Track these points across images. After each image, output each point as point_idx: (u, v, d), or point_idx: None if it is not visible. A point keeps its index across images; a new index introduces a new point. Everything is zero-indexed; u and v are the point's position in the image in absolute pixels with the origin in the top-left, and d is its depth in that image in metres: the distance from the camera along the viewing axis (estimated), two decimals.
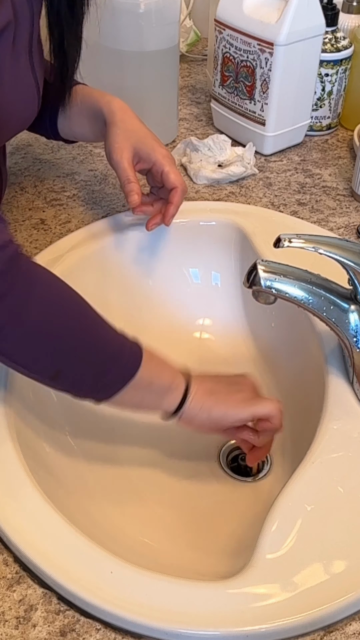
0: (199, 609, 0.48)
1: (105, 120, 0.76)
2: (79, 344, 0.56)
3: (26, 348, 0.54)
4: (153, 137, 0.76)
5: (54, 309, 0.55)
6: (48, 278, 0.56)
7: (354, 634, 0.49)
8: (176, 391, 0.62)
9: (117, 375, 0.58)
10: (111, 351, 0.58)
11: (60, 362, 0.56)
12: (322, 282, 0.60)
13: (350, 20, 1.04)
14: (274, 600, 0.49)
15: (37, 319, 0.53)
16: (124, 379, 0.58)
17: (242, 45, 0.93)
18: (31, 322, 0.53)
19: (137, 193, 0.74)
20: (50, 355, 0.55)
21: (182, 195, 0.77)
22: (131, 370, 0.58)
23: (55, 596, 0.51)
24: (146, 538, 0.64)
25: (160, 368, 0.62)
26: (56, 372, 0.56)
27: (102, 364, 0.57)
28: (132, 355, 0.59)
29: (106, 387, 0.58)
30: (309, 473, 0.57)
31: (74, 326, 0.56)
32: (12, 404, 0.62)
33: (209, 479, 0.72)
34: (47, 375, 0.57)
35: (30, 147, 1.01)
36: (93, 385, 0.58)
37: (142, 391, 0.60)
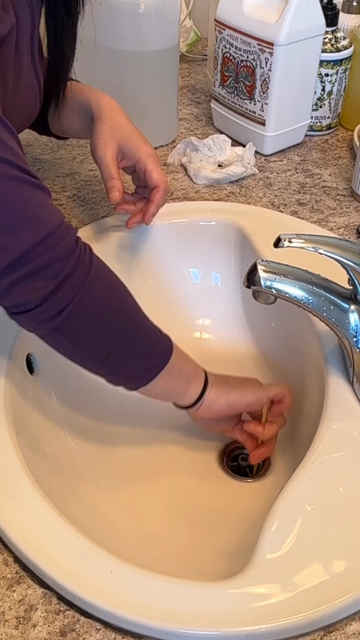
0: (199, 609, 0.48)
1: (92, 116, 0.76)
2: (129, 326, 0.59)
3: (86, 326, 0.56)
4: (139, 135, 0.76)
5: (113, 290, 0.59)
6: (100, 260, 0.58)
7: (354, 634, 0.49)
8: (199, 378, 0.66)
9: (156, 359, 0.61)
10: (152, 336, 0.62)
11: (113, 342, 0.58)
12: (322, 282, 0.60)
13: (350, 20, 1.04)
14: (274, 600, 0.49)
15: (100, 297, 0.57)
16: (162, 362, 0.61)
17: (242, 45, 0.93)
18: (94, 300, 0.56)
19: (119, 189, 0.73)
20: (106, 335, 0.58)
21: (164, 194, 0.77)
22: (167, 355, 0.62)
23: (55, 596, 0.51)
24: (146, 538, 0.64)
25: (185, 357, 0.65)
26: (108, 352, 0.59)
27: (146, 347, 0.61)
28: (166, 342, 0.63)
29: (147, 370, 0.61)
30: (309, 473, 0.57)
31: (125, 308, 0.60)
32: (12, 403, 0.62)
33: (209, 479, 0.72)
34: (100, 355, 0.59)
35: (30, 147, 1.01)
36: (137, 368, 0.61)
37: (173, 377, 0.63)
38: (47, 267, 0.52)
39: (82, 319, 0.56)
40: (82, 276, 0.54)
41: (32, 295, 0.52)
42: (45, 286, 0.52)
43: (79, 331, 0.56)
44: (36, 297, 0.52)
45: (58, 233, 0.53)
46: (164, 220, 0.81)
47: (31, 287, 0.52)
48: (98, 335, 0.57)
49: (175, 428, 0.76)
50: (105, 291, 0.57)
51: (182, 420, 0.77)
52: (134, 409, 0.76)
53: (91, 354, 0.59)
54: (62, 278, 0.53)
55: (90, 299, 0.55)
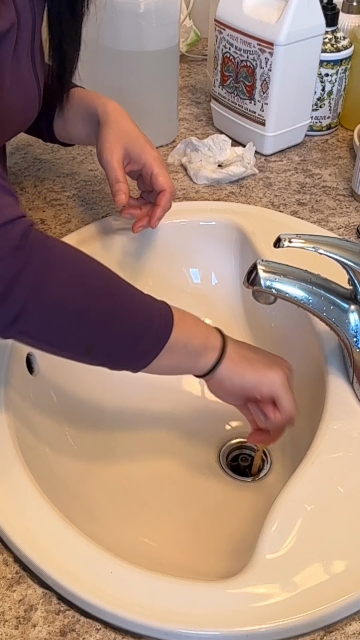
0: (199, 609, 0.48)
1: (98, 121, 0.76)
2: (107, 314, 0.55)
3: (53, 325, 0.52)
4: (145, 139, 0.76)
5: (75, 280, 0.53)
6: (65, 249, 0.54)
7: (354, 634, 0.49)
8: (212, 351, 0.61)
9: (152, 340, 0.57)
10: (142, 316, 0.57)
11: (91, 335, 0.54)
12: (322, 282, 0.60)
13: (350, 20, 1.04)
14: (274, 600, 0.49)
15: (59, 292, 0.51)
16: (160, 342, 0.57)
17: (242, 45, 0.93)
18: (53, 297, 0.51)
19: (125, 193, 0.73)
20: (79, 330, 0.53)
21: (170, 198, 0.76)
22: (165, 333, 0.57)
23: (55, 596, 0.51)
24: (146, 538, 0.64)
25: (193, 328, 0.60)
26: (88, 346, 0.55)
27: (135, 331, 0.56)
28: (163, 317, 0.58)
29: (143, 354, 0.57)
30: (309, 473, 0.57)
31: (100, 295, 0.55)
32: (12, 404, 0.62)
33: (209, 479, 0.72)
34: (79, 351, 0.55)
35: (30, 147, 1.01)
36: (129, 354, 0.57)
37: (177, 354, 0.59)
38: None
39: (44, 320, 0.51)
40: (33, 274, 0.49)
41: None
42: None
43: (47, 333, 0.52)
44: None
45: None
46: (164, 220, 0.81)
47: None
48: (69, 333, 0.53)
49: (176, 428, 0.76)
50: (67, 285, 0.52)
51: (183, 420, 0.77)
52: (134, 409, 0.76)
53: (70, 351, 0.55)
54: (7, 280, 0.48)
55: (48, 298, 0.51)
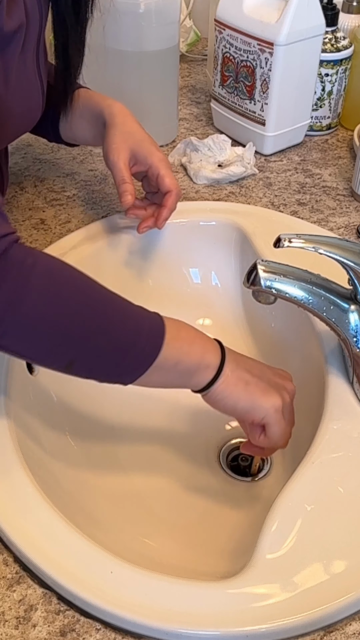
0: (199, 609, 0.48)
1: (105, 122, 0.76)
2: (88, 330, 0.53)
3: (31, 340, 0.52)
4: (151, 140, 0.77)
5: (55, 297, 0.52)
6: (47, 267, 0.53)
7: (354, 634, 0.49)
8: (206, 370, 0.58)
9: (137, 358, 0.55)
10: (127, 333, 0.55)
11: (71, 351, 0.53)
12: (322, 282, 0.60)
13: (350, 20, 1.04)
14: (274, 600, 0.49)
15: (37, 308, 0.51)
16: (146, 361, 0.55)
17: (242, 45, 0.93)
18: (29, 315, 0.50)
19: (131, 194, 0.74)
20: (59, 345, 0.52)
21: (176, 199, 0.77)
22: (153, 351, 0.55)
23: (55, 596, 0.51)
24: (146, 538, 0.64)
25: (188, 345, 0.58)
26: (69, 362, 0.54)
27: (118, 348, 0.54)
28: (152, 335, 0.56)
29: (128, 371, 0.56)
30: (309, 473, 0.57)
31: (81, 311, 0.53)
32: (12, 404, 0.62)
33: (209, 479, 0.72)
34: (60, 365, 0.54)
35: (30, 147, 1.01)
36: (113, 371, 0.55)
37: (167, 371, 0.57)
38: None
39: (22, 337, 0.51)
40: (9, 290, 0.49)
41: None
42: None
43: (26, 349, 0.52)
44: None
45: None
46: None
47: None
48: (49, 349, 0.52)
49: (176, 428, 0.76)
50: (45, 302, 0.51)
51: (183, 420, 0.77)
52: (134, 409, 0.76)
53: (51, 366, 0.54)
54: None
55: (25, 316, 0.50)
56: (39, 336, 0.52)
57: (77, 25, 0.67)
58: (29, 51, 0.64)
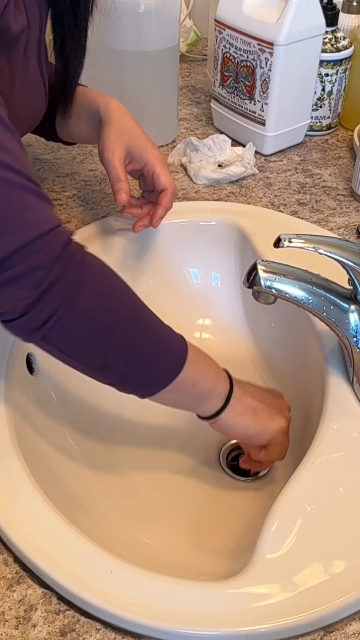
0: (199, 609, 0.48)
1: (101, 119, 0.76)
2: (128, 336, 0.56)
3: (76, 336, 0.53)
4: (147, 138, 0.76)
5: (105, 297, 0.55)
6: (100, 266, 0.55)
7: (354, 634, 0.49)
8: (217, 398, 0.61)
9: (164, 371, 0.57)
10: (160, 346, 0.57)
11: (109, 353, 0.55)
12: (322, 282, 0.60)
13: (350, 20, 1.04)
14: (274, 600, 0.49)
15: (89, 306, 0.53)
16: (170, 376, 0.57)
17: (242, 45, 0.93)
18: (83, 309, 0.52)
19: (126, 192, 0.73)
20: (100, 346, 0.54)
21: (172, 197, 0.76)
22: (178, 367, 0.57)
23: (55, 596, 0.51)
24: (146, 538, 0.64)
25: (204, 369, 0.61)
26: (104, 364, 0.55)
27: (150, 359, 0.57)
28: (179, 351, 0.58)
29: (153, 382, 0.58)
30: (309, 473, 0.57)
31: (125, 317, 0.56)
32: (12, 403, 0.62)
33: (209, 479, 0.72)
34: (95, 367, 0.56)
35: (30, 147, 1.01)
36: (140, 380, 0.57)
37: (184, 392, 0.60)
38: (27, 275, 0.49)
39: (69, 332, 0.53)
40: (67, 286, 0.51)
41: (14, 304, 0.50)
42: (27, 296, 0.50)
43: (68, 344, 0.54)
44: (17, 306, 0.50)
45: (42, 239, 0.50)
46: (164, 220, 0.81)
47: (12, 295, 0.50)
48: (90, 348, 0.54)
49: (176, 428, 0.76)
50: (96, 302, 0.54)
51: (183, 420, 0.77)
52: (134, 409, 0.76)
53: (86, 366, 0.56)
54: (44, 288, 0.50)
55: (77, 311, 0.52)
56: (85, 333, 0.53)
57: (75, 26, 0.67)
58: (31, 52, 0.64)
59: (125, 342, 0.56)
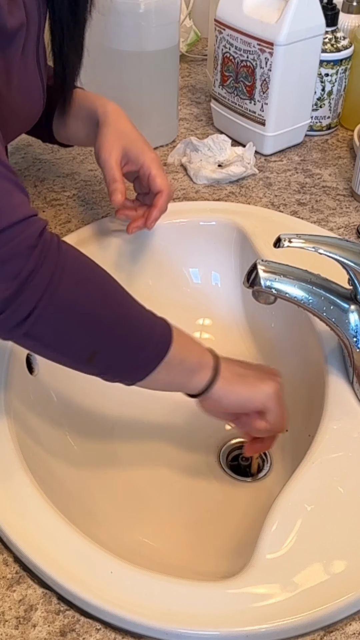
0: (199, 609, 0.48)
1: (98, 121, 0.76)
2: (113, 321, 0.55)
3: (60, 328, 0.52)
4: (143, 140, 0.76)
5: (86, 286, 0.53)
6: (76, 253, 0.54)
7: (354, 634, 0.49)
8: (205, 369, 0.61)
9: (151, 354, 0.57)
10: (144, 329, 0.57)
11: (96, 342, 0.54)
12: (322, 282, 0.60)
13: (350, 20, 1.04)
14: (274, 600, 0.49)
15: (70, 296, 0.52)
16: (158, 357, 0.57)
17: (242, 45, 0.93)
18: (64, 300, 0.51)
19: (121, 192, 0.73)
20: (86, 336, 0.53)
21: (167, 199, 0.76)
22: (164, 348, 0.57)
23: (55, 596, 0.51)
24: (146, 538, 0.64)
25: (189, 345, 0.61)
26: (92, 353, 0.54)
27: (137, 342, 0.56)
28: (163, 333, 0.58)
29: (141, 366, 0.57)
30: (309, 473, 0.57)
31: (107, 302, 0.55)
32: (12, 404, 0.62)
33: (209, 479, 0.72)
34: (82, 358, 0.55)
35: (30, 147, 1.01)
36: (129, 365, 0.57)
37: (173, 369, 0.59)
38: (2, 265, 0.48)
39: (53, 323, 0.51)
40: (46, 274, 0.49)
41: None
42: (4, 288, 0.48)
43: (53, 336, 0.52)
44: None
45: (15, 228, 0.48)
46: (164, 220, 0.81)
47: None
48: (76, 338, 0.53)
49: (175, 428, 0.76)
50: (78, 289, 0.52)
51: (183, 420, 0.77)
52: (134, 409, 0.76)
53: (73, 358, 0.55)
54: (22, 278, 0.48)
55: (60, 299, 0.51)
56: (70, 323, 0.52)
57: (74, 26, 0.67)
58: (30, 51, 0.64)
59: (111, 328, 0.55)
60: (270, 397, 0.62)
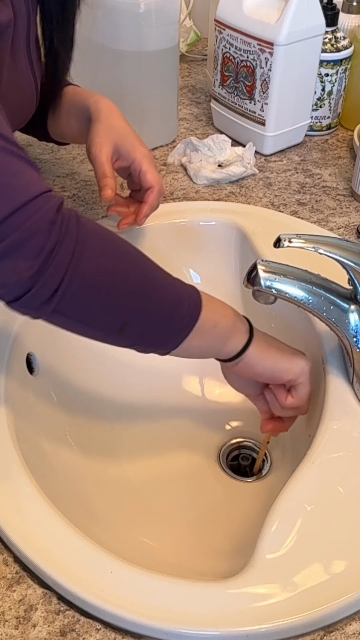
0: (199, 609, 0.48)
1: (90, 117, 0.76)
2: (142, 291, 0.55)
3: (88, 301, 0.52)
4: (135, 136, 0.76)
5: (110, 256, 0.53)
6: (97, 227, 0.54)
7: (354, 634, 0.49)
8: (240, 333, 0.60)
9: (183, 319, 0.56)
10: (174, 295, 0.57)
11: (125, 313, 0.54)
12: (322, 282, 0.60)
13: (350, 20, 1.04)
14: (274, 600, 0.49)
15: (95, 268, 0.51)
16: (190, 323, 0.56)
17: (242, 45, 0.93)
18: (90, 272, 0.51)
19: (112, 188, 0.72)
20: (115, 307, 0.53)
21: (158, 195, 0.76)
22: (195, 312, 0.57)
23: (55, 596, 0.51)
24: (146, 538, 0.64)
25: (221, 309, 0.60)
26: (123, 324, 0.54)
27: (167, 310, 0.56)
28: (193, 297, 0.58)
29: (174, 333, 0.57)
30: (309, 473, 0.57)
31: (133, 273, 0.54)
32: (12, 403, 0.62)
33: (209, 479, 0.72)
34: (113, 329, 0.54)
35: (30, 147, 1.01)
36: (162, 334, 0.57)
37: (207, 334, 0.58)
38: (24, 243, 0.47)
39: (81, 297, 0.51)
40: (69, 248, 0.49)
41: (16, 278, 0.48)
42: (29, 266, 0.48)
43: (82, 310, 0.52)
44: (21, 280, 0.48)
45: (33, 204, 0.48)
46: (164, 220, 0.81)
47: (12, 269, 0.47)
48: (105, 310, 0.53)
49: (176, 427, 0.76)
50: (102, 260, 0.52)
51: (183, 419, 0.77)
52: (134, 410, 0.76)
53: (104, 330, 0.54)
54: (45, 255, 0.48)
55: (85, 272, 0.50)
56: (99, 294, 0.52)
57: (63, 20, 0.67)
58: (20, 47, 0.64)
59: (140, 296, 0.54)
60: (305, 372, 0.62)
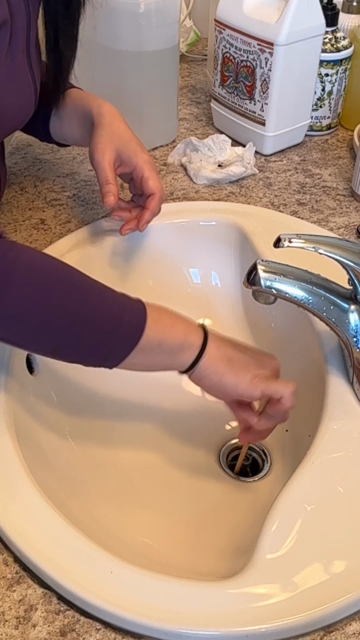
0: (199, 609, 0.48)
1: (93, 122, 0.76)
2: (70, 317, 0.56)
3: (16, 329, 0.54)
4: (137, 142, 0.76)
5: (37, 287, 0.54)
6: (30, 257, 0.55)
7: (354, 634, 0.49)
8: (190, 349, 0.61)
9: (120, 341, 0.57)
10: (110, 318, 0.57)
11: (55, 338, 0.56)
12: (322, 282, 0.60)
13: (350, 20, 1.04)
14: (274, 600, 0.49)
15: (19, 299, 0.53)
16: (129, 344, 0.57)
17: (242, 45, 0.93)
18: (13, 303, 0.53)
19: (114, 194, 0.73)
20: (43, 333, 0.55)
21: (160, 202, 0.76)
22: (135, 334, 0.57)
23: (55, 596, 0.51)
24: (146, 538, 0.64)
25: (169, 328, 0.60)
26: (55, 347, 0.56)
27: (102, 333, 0.57)
28: (134, 319, 0.58)
29: (111, 354, 0.58)
30: (309, 473, 0.57)
31: (63, 300, 0.56)
32: (12, 403, 0.62)
33: (209, 479, 0.72)
34: (47, 350, 0.57)
35: (30, 147, 1.01)
36: (97, 354, 0.58)
37: (151, 353, 0.59)
38: None
39: (8, 326, 0.54)
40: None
41: None
42: None
43: (12, 336, 0.55)
44: None
45: None
46: (164, 220, 0.81)
47: None
48: (35, 337, 0.55)
49: (175, 428, 0.76)
50: (29, 293, 0.54)
51: (183, 420, 0.77)
52: (134, 410, 0.76)
53: (38, 352, 0.59)
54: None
55: (8, 306, 0.53)
56: (23, 325, 0.54)
57: (68, 21, 0.67)
58: (18, 47, 0.64)
59: (68, 324, 0.56)
60: (253, 388, 0.61)
